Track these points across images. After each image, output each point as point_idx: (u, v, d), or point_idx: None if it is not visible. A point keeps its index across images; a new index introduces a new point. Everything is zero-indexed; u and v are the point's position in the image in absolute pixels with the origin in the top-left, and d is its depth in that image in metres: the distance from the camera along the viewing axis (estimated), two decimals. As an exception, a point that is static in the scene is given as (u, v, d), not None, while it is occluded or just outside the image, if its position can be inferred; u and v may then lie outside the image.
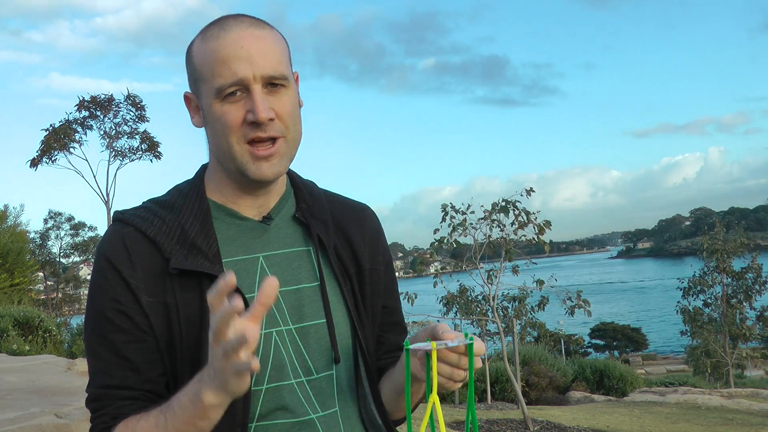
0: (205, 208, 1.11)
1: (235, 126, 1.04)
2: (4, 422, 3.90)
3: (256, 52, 1.03)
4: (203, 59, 1.06)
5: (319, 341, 1.13)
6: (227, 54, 1.03)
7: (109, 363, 1.06)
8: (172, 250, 1.05)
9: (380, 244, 1.28)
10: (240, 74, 1.02)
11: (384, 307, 1.26)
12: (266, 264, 1.12)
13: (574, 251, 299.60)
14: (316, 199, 1.21)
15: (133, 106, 20.26)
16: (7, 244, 16.37)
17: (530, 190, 6.86)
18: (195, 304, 1.04)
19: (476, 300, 8.76)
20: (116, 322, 1.05)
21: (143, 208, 1.12)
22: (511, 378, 7.20)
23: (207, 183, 1.15)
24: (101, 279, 1.06)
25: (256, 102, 1.03)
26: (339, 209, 1.24)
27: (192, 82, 1.10)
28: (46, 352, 9.30)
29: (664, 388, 11.91)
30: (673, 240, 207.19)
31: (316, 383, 1.12)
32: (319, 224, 1.17)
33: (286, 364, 1.10)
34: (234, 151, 1.05)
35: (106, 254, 1.07)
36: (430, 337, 1.00)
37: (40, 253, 38.29)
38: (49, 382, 5.68)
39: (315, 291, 1.14)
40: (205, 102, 1.07)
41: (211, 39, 1.05)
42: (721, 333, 15.85)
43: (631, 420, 8.02)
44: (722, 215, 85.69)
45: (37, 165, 19.69)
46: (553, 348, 20.32)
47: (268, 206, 1.15)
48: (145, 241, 1.07)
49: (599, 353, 36.30)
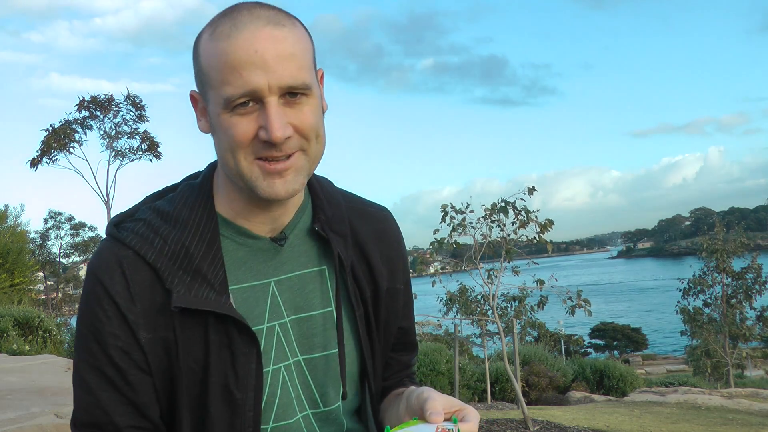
0: (213, 225, 0.97)
1: (244, 142, 0.90)
2: (4, 422, 3.90)
3: (273, 57, 0.87)
4: (211, 61, 0.89)
5: (327, 373, 1.04)
6: (238, 58, 0.86)
7: (103, 399, 0.95)
8: (174, 278, 0.93)
9: (400, 259, 1.15)
10: (252, 84, 0.86)
11: (399, 328, 1.16)
12: (278, 290, 1.01)
13: (574, 251, 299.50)
14: (335, 207, 1.07)
15: (133, 106, 20.27)
16: (7, 244, 16.36)
17: (532, 189, 6.85)
18: (198, 342, 0.94)
19: (476, 300, 8.76)
20: (113, 357, 0.94)
21: (143, 223, 0.98)
22: (511, 378, 7.19)
23: (216, 193, 1.01)
24: (96, 307, 0.94)
25: (270, 118, 0.87)
26: (357, 218, 1.10)
27: (198, 82, 0.95)
28: (46, 352, 9.30)
29: (664, 388, 11.90)
30: (673, 240, 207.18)
31: (322, 415, 1.05)
32: (339, 240, 1.04)
33: (292, 400, 1.02)
34: (241, 168, 0.91)
35: (102, 281, 0.94)
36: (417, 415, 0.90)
37: (40, 253, 38.25)
38: (49, 382, 5.68)
39: (326, 318, 1.04)
40: (212, 109, 0.92)
41: (221, 38, 0.88)
42: (721, 333, 15.83)
43: (631, 420, 8.02)
44: (722, 215, 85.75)
45: (37, 165, 19.70)
46: (553, 348, 20.33)
47: (282, 222, 1.02)
48: (145, 267, 0.94)
49: (599, 353, 36.31)
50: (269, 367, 0.98)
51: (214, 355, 0.94)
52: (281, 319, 1.01)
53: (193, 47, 0.95)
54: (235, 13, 0.90)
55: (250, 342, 0.95)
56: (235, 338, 0.94)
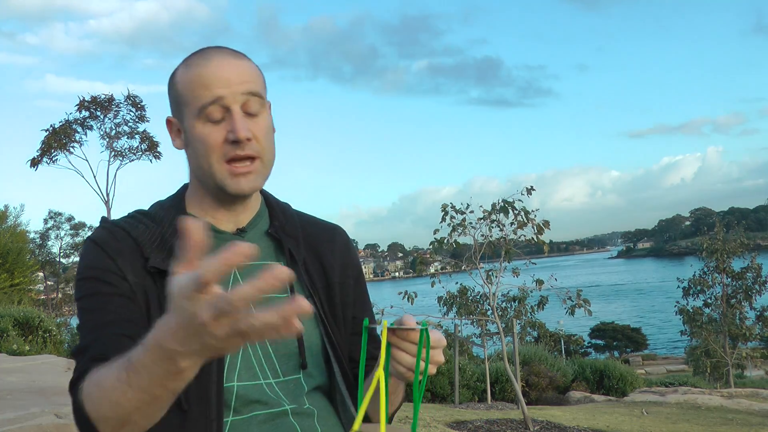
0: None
1: (216, 146, 1.12)
2: (4, 422, 3.90)
3: (236, 74, 1.12)
4: (186, 84, 1.14)
5: (287, 347, 1.18)
6: (209, 76, 1.11)
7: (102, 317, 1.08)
8: (151, 252, 1.12)
9: (351, 258, 1.35)
10: (219, 93, 1.10)
11: (354, 317, 1.31)
12: (239, 274, 1.17)
13: (574, 251, 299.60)
14: (289, 217, 1.30)
15: (133, 107, 20.30)
16: (7, 244, 16.35)
17: (531, 189, 6.85)
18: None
19: (476, 300, 8.76)
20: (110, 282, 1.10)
21: (128, 216, 1.20)
22: (511, 378, 7.19)
23: (187, 199, 1.23)
24: (91, 255, 1.13)
25: (235, 121, 1.10)
26: (310, 228, 1.32)
27: (174, 107, 1.18)
28: (46, 352, 9.30)
29: (664, 388, 11.91)
30: (673, 240, 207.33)
31: (284, 385, 1.17)
32: (291, 240, 1.25)
33: (254, 365, 1.15)
34: (214, 170, 1.13)
35: (95, 240, 1.14)
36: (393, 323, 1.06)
37: (40, 253, 38.31)
38: (49, 382, 5.69)
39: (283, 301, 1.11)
40: (187, 123, 1.14)
41: (194, 66, 1.14)
42: (721, 333, 15.85)
43: (631, 420, 8.02)
44: (722, 215, 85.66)
45: (37, 165, 19.73)
46: (553, 348, 20.32)
47: (243, 221, 1.23)
48: (129, 238, 1.14)
49: (599, 353, 36.32)
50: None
51: None
52: None
53: (169, 81, 1.19)
54: (205, 51, 1.16)
55: None
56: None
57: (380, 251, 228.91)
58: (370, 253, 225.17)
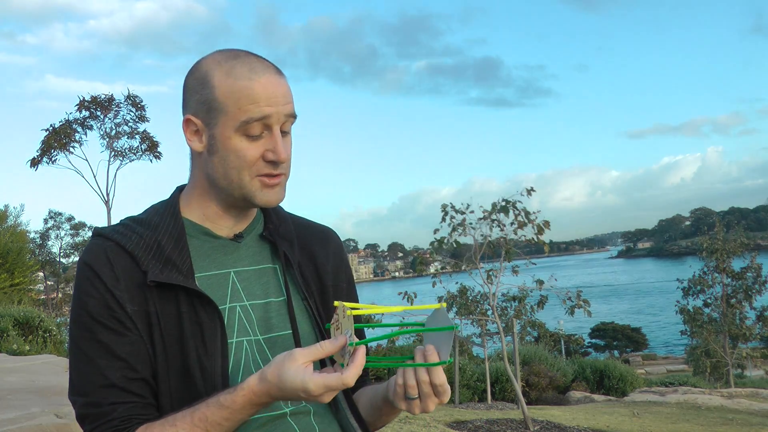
0: (179, 226, 1.19)
1: (252, 161, 1.13)
2: (4, 422, 3.90)
3: (281, 94, 1.14)
4: (229, 94, 1.12)
5: (285, 350, 1.20)
6: (258, 93, 1.11)
7: (104, 365, 1.08)
8: (148, 263, 1.12)
9: (342, 262, 1.37)
10: (267, 111, 1.11)
11: None
12: (237, 279, 1.20)
13: (573, 251, 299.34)
14: (283, 220, 1.31)
15: (133, 106, 20.26)
16: (7, 244, 16.34)
17: (531, 190, 6.85)
18: (173, 314, 1.11)
19: (476, 300, 8.76)
20: (108, 325, 1.09)
21: (122, 225, 1.19)
22: (511, 378, 7.19)
23: (183, 203, 1.23)
24: (88, 286, 1.11)
25: (278, 143, 1.13)
26: (304, 231, 1.34)
27: (204, 109, 1.15)
28: (46, 352, 9.29)
29: (664, 388, 11.91)
30: (673, 240, 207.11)
31: None
32: (285, 243, 1.27)
33: (252, 371, 1.15)
34: (244, 183, 1.15)
35: (91, 264, 1.12)
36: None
37: (40, 253, 38.29)
38: (49, 382, 5.69)
39: (282, 305, 1.22)
40: (221, 132, 1.13)
41: (240, 78, 1.12)
42: (721, 333, 15.84)
43: (631, 420, 8.02)
44: (722, 215, 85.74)
45: (37, 165, 19.68)
46: (553, 348, 20.32)
47: (241, 227, 1.24)
48: (125, 254, 1.13)
49: (599, 353, 36.29)
50: (233, 339, 1.15)
51: (186, 329, 1.11)
52: (242, 302, 1.19)
53: (198, 80, 1.16)
54: (248, 62, 1.14)
55: (213, 313, 1.12)
56: (201, 311, 1.12)
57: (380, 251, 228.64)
58: (370, 253, 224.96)
